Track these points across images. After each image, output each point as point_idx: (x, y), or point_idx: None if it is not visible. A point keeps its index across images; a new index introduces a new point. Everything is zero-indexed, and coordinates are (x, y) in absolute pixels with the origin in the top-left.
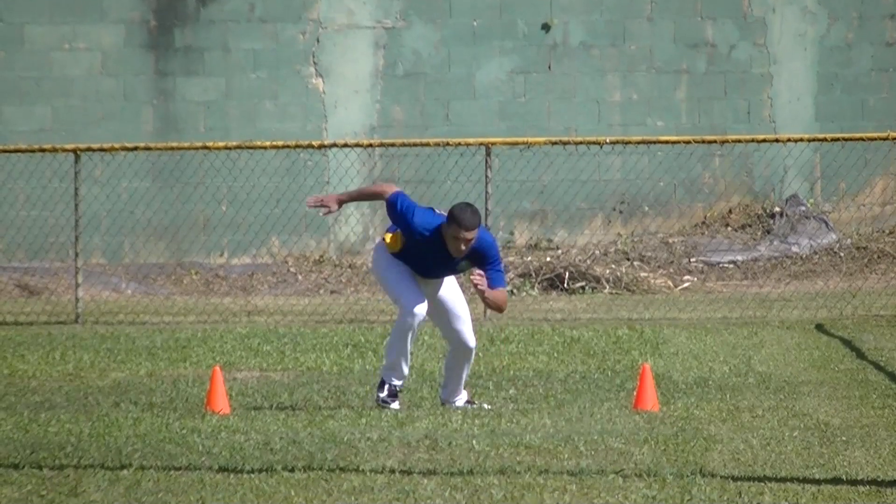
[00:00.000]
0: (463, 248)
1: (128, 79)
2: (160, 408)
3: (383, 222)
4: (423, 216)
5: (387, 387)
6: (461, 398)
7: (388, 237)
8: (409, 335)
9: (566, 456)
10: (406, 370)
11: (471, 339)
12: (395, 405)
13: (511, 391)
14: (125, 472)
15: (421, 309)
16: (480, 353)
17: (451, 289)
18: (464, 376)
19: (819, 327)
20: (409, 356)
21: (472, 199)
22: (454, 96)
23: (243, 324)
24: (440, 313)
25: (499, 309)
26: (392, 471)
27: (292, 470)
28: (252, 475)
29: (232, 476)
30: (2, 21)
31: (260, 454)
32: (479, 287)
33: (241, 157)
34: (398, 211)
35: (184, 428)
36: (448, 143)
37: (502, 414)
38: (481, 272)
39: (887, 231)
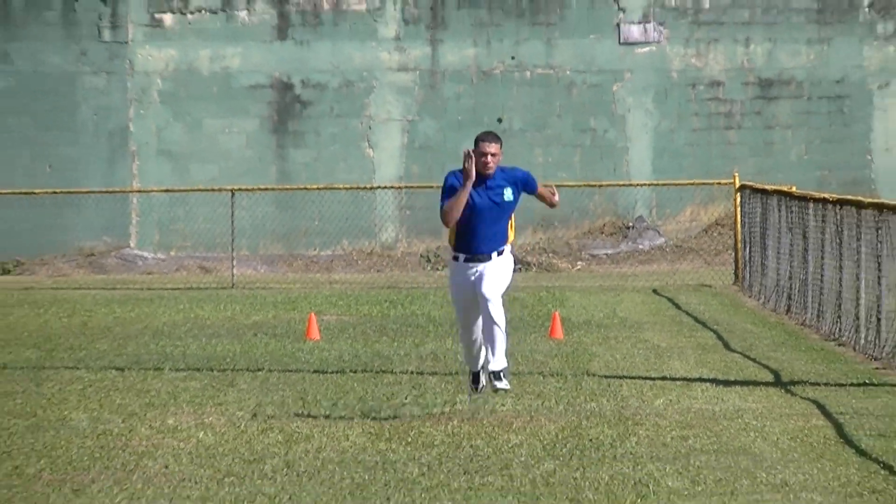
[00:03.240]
0: (489, 160)
1: (261, 150)
2: (280, 336)
3: (409, 232)
4: (451, 174)
5: (470, 376)
6: (499, 369)
7: (449, 236)
8: (471, 351)
9: (511, 364)
10: (478, 360)
11: (490, 315)
12: (475, 386)
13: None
14: (260, 372)
15: (474, 337)
16: None
17: (489, 276)
18: (498, 352)
19: (654, 291)
20: (475, 354)
21: None
22: (448, 161)
23: (327, 288)
24: (476, 292)
25: (556, 201)
26: (412, 372)
27: (355, 371)
28: (331, 374)
29: (321, 375)
30: (189, 115)
31: (336, 363)
32: (554, 197)
33: (326, 194)
34: (444, 192)
35: (293, 348)
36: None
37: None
38: (553, 191)
39: (693, 236)
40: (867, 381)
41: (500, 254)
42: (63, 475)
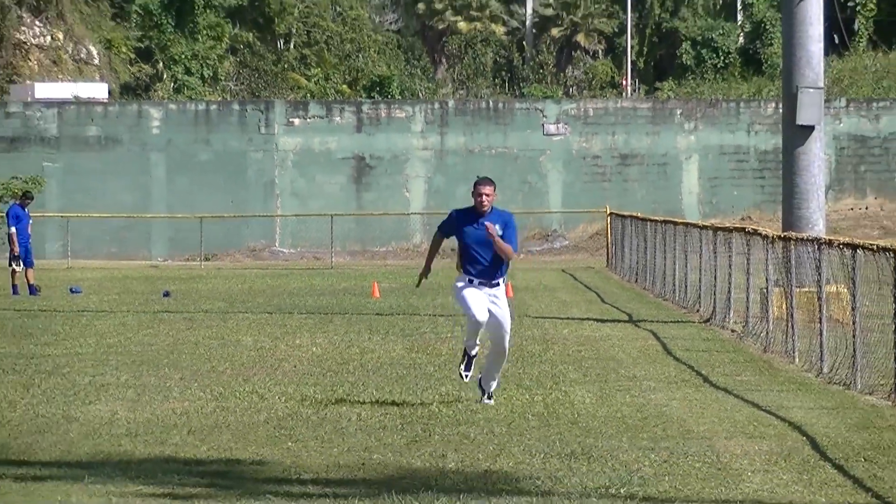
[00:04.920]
0: (484, 200)
1: (346, 192)
2: (357, 295)
3: (429, 238)
4: (454, 210)
5: (465, 357)
6: (490, 390)
7: (456, 263)
8: (476, 333)
9: None
10: (475, 348)
11: (505, 345)
12: (467, 374)
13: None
14: (346, 315)
15: (482, 316)
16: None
17: (503, 309)
18: (496, 374)
19: (563, 271)
20: (476, 341)
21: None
22: (450, 200)
23: (383, 269)
24: (491, 324)
25: (505, 255)
26: (430, 314)
27: (398, 314)
28: (385, 316)
29: (380, 316)
30: (308, 174)
31: (388, 310)
32: (490, 232)
33: (383, 217)
34: (446, 222)
35: (364, 302)
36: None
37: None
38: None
39: (584, 240)
40: (679, 320)
41: (502, 275)
42: (237, 371)
